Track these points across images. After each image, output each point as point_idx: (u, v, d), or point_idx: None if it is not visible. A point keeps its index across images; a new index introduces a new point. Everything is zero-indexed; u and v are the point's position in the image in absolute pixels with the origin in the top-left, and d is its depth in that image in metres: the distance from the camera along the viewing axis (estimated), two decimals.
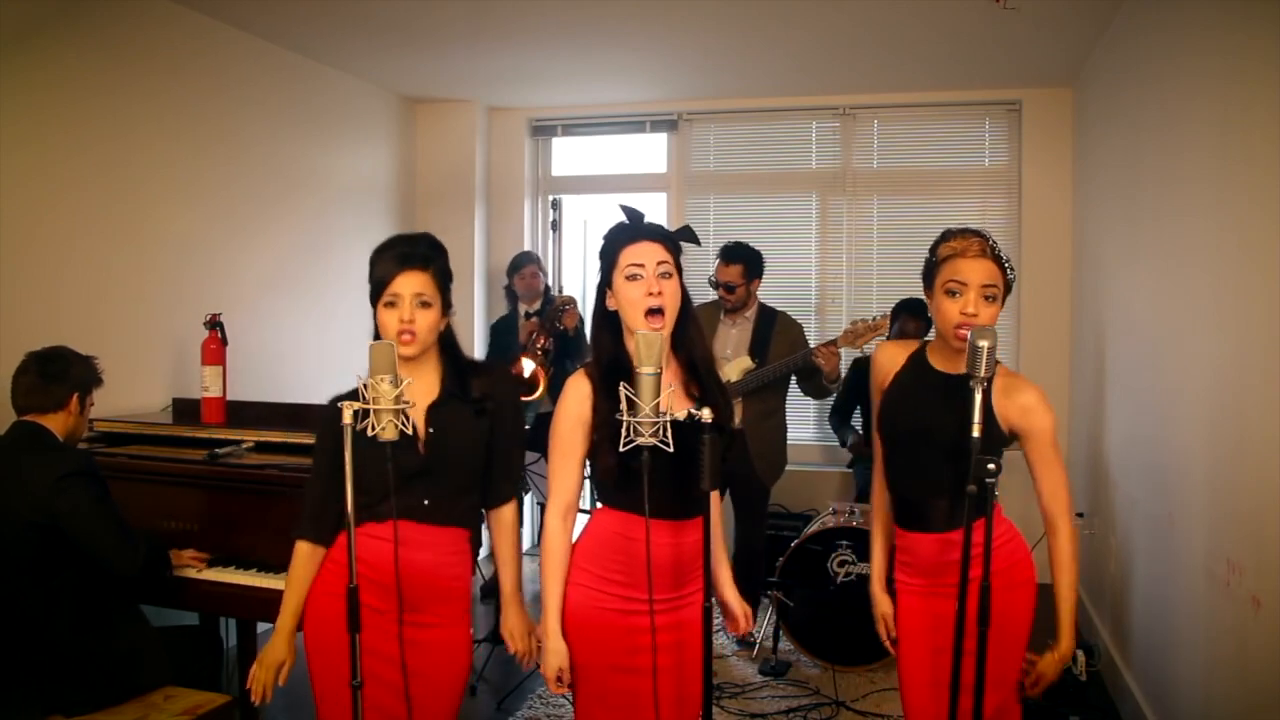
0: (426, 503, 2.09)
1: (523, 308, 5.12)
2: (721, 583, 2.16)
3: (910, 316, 4.54)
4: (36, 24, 3.35)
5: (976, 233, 2.06)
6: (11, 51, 3.26)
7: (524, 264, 5.13)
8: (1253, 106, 2.44)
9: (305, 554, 2.14)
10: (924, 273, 2.12)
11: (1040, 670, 2.10)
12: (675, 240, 2.04)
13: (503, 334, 5.16)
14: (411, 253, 2.11)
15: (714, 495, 2.14)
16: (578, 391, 2.02)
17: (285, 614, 2.14)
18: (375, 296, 2.10)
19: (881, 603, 2.30)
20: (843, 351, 4.00)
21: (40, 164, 3.39)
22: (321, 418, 2.14)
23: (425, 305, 2.10)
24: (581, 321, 4.86)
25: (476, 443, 2.15)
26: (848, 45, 4.53)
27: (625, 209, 2.07)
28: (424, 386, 2.12)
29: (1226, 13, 2.67)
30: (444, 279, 2.16)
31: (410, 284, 2.08)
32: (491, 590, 4.67)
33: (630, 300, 1.97)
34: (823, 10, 4.01)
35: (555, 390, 4.75)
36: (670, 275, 1.99)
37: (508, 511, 2.25)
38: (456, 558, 2.15)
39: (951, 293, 2.02)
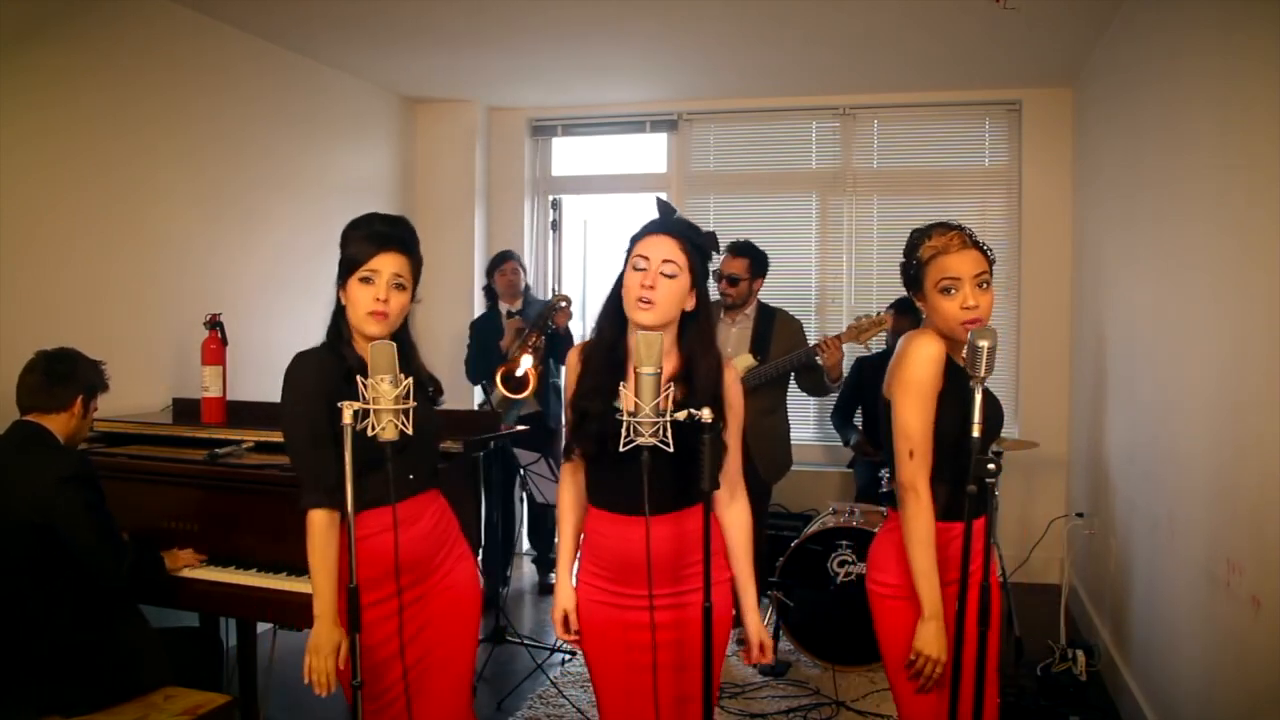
0: (412, 477, 2.14)
1: (504, 306, 5.04)
2: (744, 610, 2.12)
3: (902, 314, 4.54)
4: (36, 24, 3.35)
5: (952, 225, 2.05)
6: (11, 51, 3.26)
7: (503, 261, 5.06)
8: (1253, 106, 2.44)
9: (325, 524, 2.02)
10: (909, 276, 2.09)
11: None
12: (694, 241, 2.01)
13: (482, 331, 5.05)
14: (391, 234, 2.11)
15: (745, 515, 2.14)
16: (570, 361, 2.13)
17: (323, 595, 2.01)
18: (348, 270, 2.09)
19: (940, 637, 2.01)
20: (845, 348, 4.00)
21: (40, 164, 3.39)
22: (304, 369, 2.11)
23: (400, 288, 2.10)
24: (569, 328, 4.84)
25: (435, 426, 2.27)
26: (848, 45, 4.53)
27: (659, 202, 2.10)
28: None
29: (1226, 13, 2.67)
30: (419, 265, 2.17)
31: (389, 264, 2.08)
32: (491, 599, 4.67)
33: (627, 287, 2.00)
34: (823, 10, 4.01)
35: (542, 390, 4.79)
36: (674, 275, 1.97)
37: None
38: (440, 511, 2.25)
39: (946, 290, 2.01)
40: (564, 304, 4.77)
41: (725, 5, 3.94)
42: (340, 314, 2.17)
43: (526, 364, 4.65)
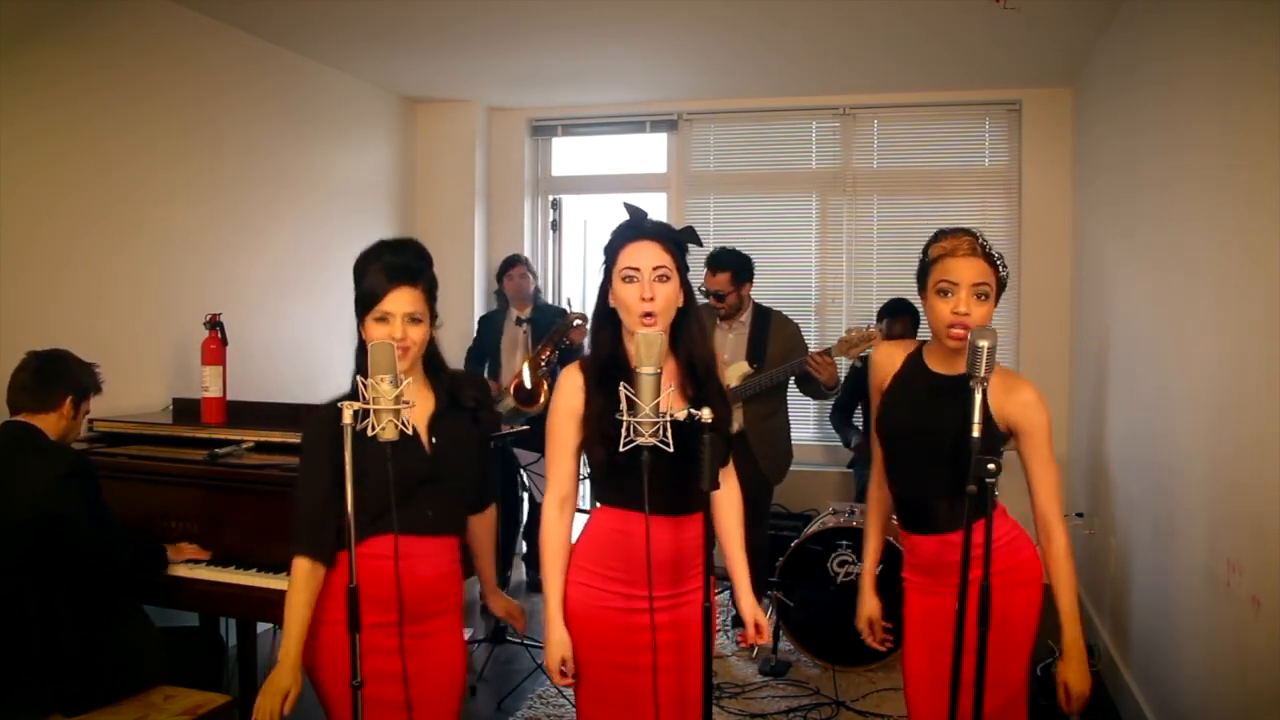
0: (431, 514, 2.08)
1: (513, 312, 5.07)
2: (737, 590, 2.13)
3: (895, 319, 4.53)
4: (36, 24, 3.35)
5: (966, 231, 2.06)
6: (11, 51, 3.26)
7: (510, 265, 5.10)
8: (1253, 106, 2.44)
9: (306, 572, 2.03)
10: (917, 275, 2.13)
11: (1064, 681, 2.03)
12: (676, 240, 2.02)
13: (483, 330, 5.16)
14: (399, 264, 2.07)
15: (734, 495, 2.16)
16: (570, 383, 2.04)
17: (289, 640, 2.02)
18: (364, 308, 2.08)
19: (868, 604, 2.30)
20: (837, 360, 3.99)
21: (40, 164, 3.38)
22: (318, 421, 2.07)
23: (416, 321, 2.07)
24: (584, 345, 4.86)
25: (475, 452, 2.20)
26: (847, 45, 4.53)
27: (628, 207, 2.07)
28: (417, 398, 2.10)
29: (1226, 13, 2.67)
30: (432, 291, 2.13)
31: (401, 302, 2.05)
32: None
33: (625, 303, 1.98)
34: (822, 10, 4.01)
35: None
36: (667, 278, 1.97)
37: (491, 514, 2.37)
38: (452, 566, 2.16)
39: (943, 292, 2.02)
40: (579, 322, 4.79)
41: (725, 5, 3.94)
42: (363, 352, 2.14)
43: (528, 378, 4.69)
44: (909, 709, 2.20)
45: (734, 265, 4.08)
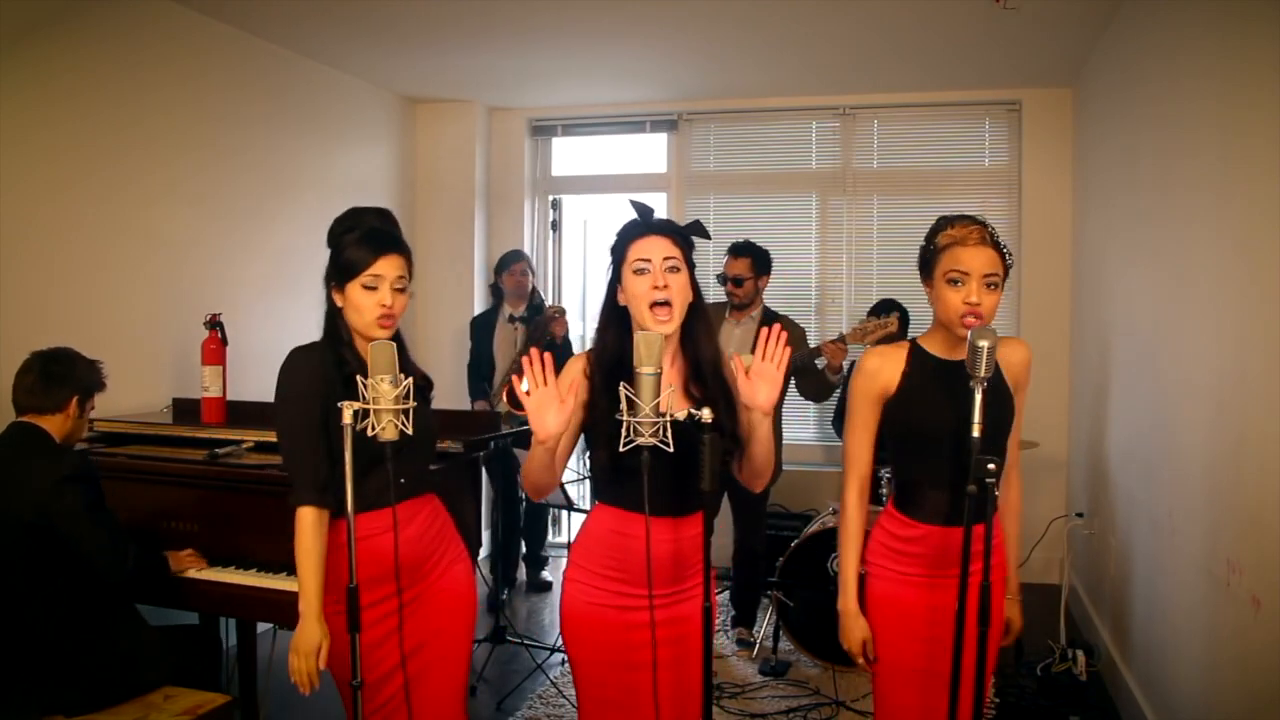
0: (403, 480, 2.10)
1: (507, 309, 5.05)
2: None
3: (886, 315, 4.51)
4: (36, 24, 3.35)
5: (975, 220, 2.05)
6: (11, 51, 3.26)
7: (513, 261, 5.08)
8: (1253, 106, 2.44)
9: (313, 521, 2.04)
10: (921, 260, 2.11)
11: (1010, 618, 2.22)
12: (684, 234, 2.02)
13: (477, 332, 5.12)
14: (385, 232, 2.15)
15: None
16: (576, 363, 2.04)
17: (309, 594, 2.02)
18: (348, 275, 2.10)
19: (861, 627, 2.17)
20: (849, 348, 4.01)
21: (39, 163, 3.39)
22: (290, 372, 2.12)
23: (402, 290, 2.13)
24: (567, 337, 4.82)
25: (432, 429, 2.27)
26: (848, 45, 4.53)
27: (635, 204, 2.07)
28: None
29: (1226, 13, 2.67)
30: (411, 260, 2.19)
31: (391, 267, 2.10)
32: (494, 601, 4.67)
33: (636, 294, 1.97)
34: (822, 10, 4.01)
35: None
36: (678, 269, 1.97)
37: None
38: (432, 515, 2.24)
39: (953, 282, 2.01)
40: (558, 314, 4.77)
41: (725, 5, 3.94)
42: (336, 315, 2.16)
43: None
44: (885, 701, 2.17)
45: (755, 253, 4.15)
